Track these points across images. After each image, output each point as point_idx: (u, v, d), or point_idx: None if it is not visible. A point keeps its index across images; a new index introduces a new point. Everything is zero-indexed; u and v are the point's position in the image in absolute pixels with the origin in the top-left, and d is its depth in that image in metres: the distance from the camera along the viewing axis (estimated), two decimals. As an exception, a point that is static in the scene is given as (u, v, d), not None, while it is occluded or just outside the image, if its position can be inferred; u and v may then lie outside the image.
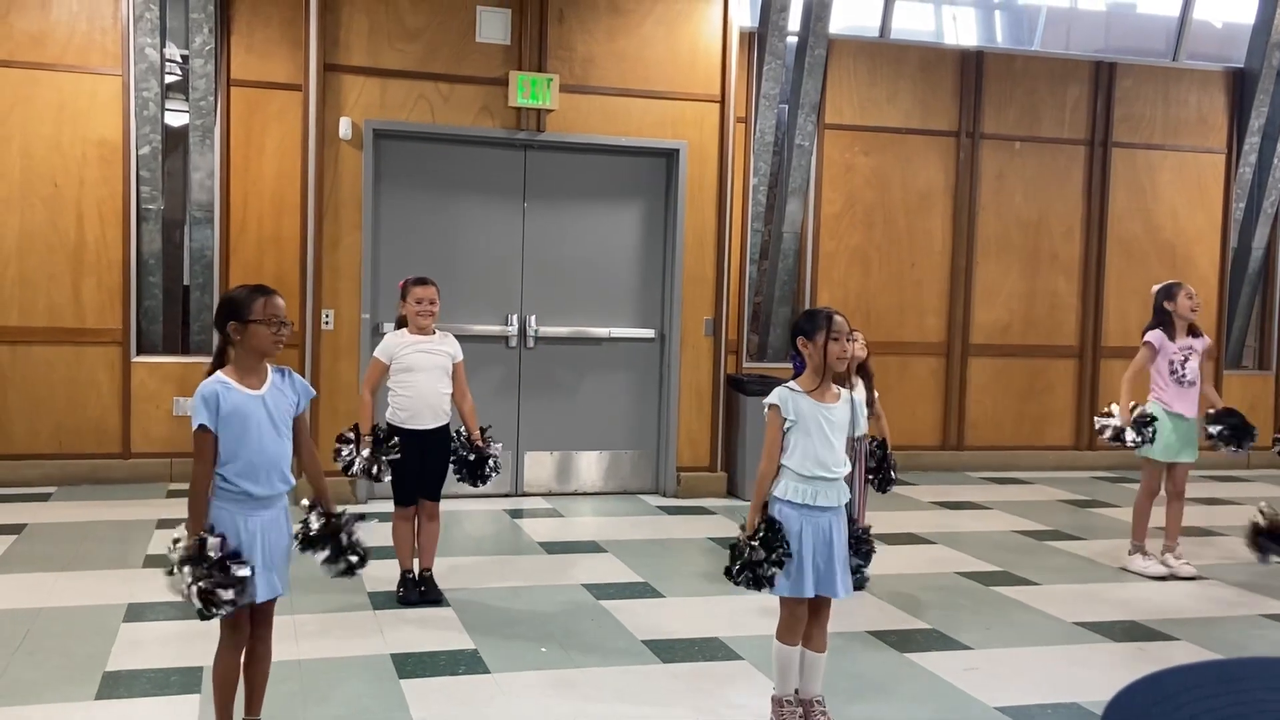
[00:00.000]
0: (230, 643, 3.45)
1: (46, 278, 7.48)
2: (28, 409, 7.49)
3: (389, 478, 5.15)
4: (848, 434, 3.80)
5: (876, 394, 5.35)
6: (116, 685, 4.11)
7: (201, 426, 3.31)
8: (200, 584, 3.18)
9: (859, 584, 3.92)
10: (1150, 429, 5.98)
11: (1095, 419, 6.31)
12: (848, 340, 3.78)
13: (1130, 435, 5.99)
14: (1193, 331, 6.14)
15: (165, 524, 6.53)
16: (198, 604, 3.20)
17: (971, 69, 9.09)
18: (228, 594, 3.19)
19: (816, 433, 3.69)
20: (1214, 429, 6.16)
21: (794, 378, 3.85)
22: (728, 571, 3.76)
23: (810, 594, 3.69)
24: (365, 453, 5.07)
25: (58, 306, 7.51)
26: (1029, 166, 9.30)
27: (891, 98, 8.93)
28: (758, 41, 8.44)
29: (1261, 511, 5.00)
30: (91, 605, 5.03)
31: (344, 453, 5.13)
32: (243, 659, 3.51)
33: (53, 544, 6.07)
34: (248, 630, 3.46)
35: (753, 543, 3.68)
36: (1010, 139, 9.23)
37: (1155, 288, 6.24)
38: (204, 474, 3.32)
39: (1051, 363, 9.45)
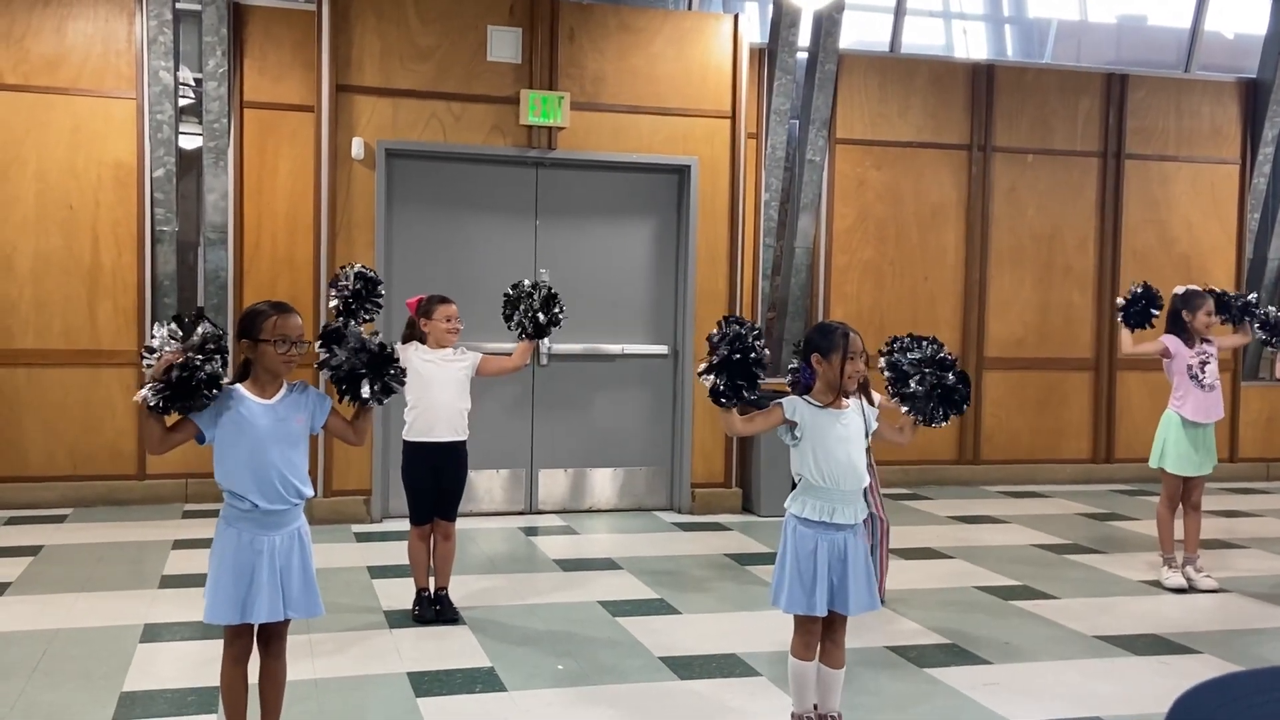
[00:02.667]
0: (230, 654, 3.44)
1: (62, 300, 7.52)
2: (44, 431, 7.52)
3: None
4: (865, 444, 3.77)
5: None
6: (134, 706, 4.11)
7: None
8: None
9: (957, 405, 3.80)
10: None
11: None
12: (861, 360, 3.76)
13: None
14: (1204, 338, 6.11)
15: (181, 545, 6.55)
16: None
17: (982, 82, 9.09)
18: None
19: (835, 443, 3.66)
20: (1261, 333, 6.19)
21: (795, 389, 3.80)
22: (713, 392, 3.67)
23: (823, 612, 3.66)
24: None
25: (73, 329, 7.55)
26: (1041, 179, 9.28)
27: (902, 112, 8.93)
28: (768, 57, 8.46)
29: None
30: (108, 626, 5.03)
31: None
32: (257, 679, 3.50)
33: (69, 565, 6.08)
34: (249, 643, 3.45)
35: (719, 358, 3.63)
36: (1022, 152, 9.22)
37: (1177, 290, 6.19)
38: (155, 430, 3.29)
39: (1067, 375, 9.41)
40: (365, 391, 3.51)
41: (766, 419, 3.77)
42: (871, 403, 3.83)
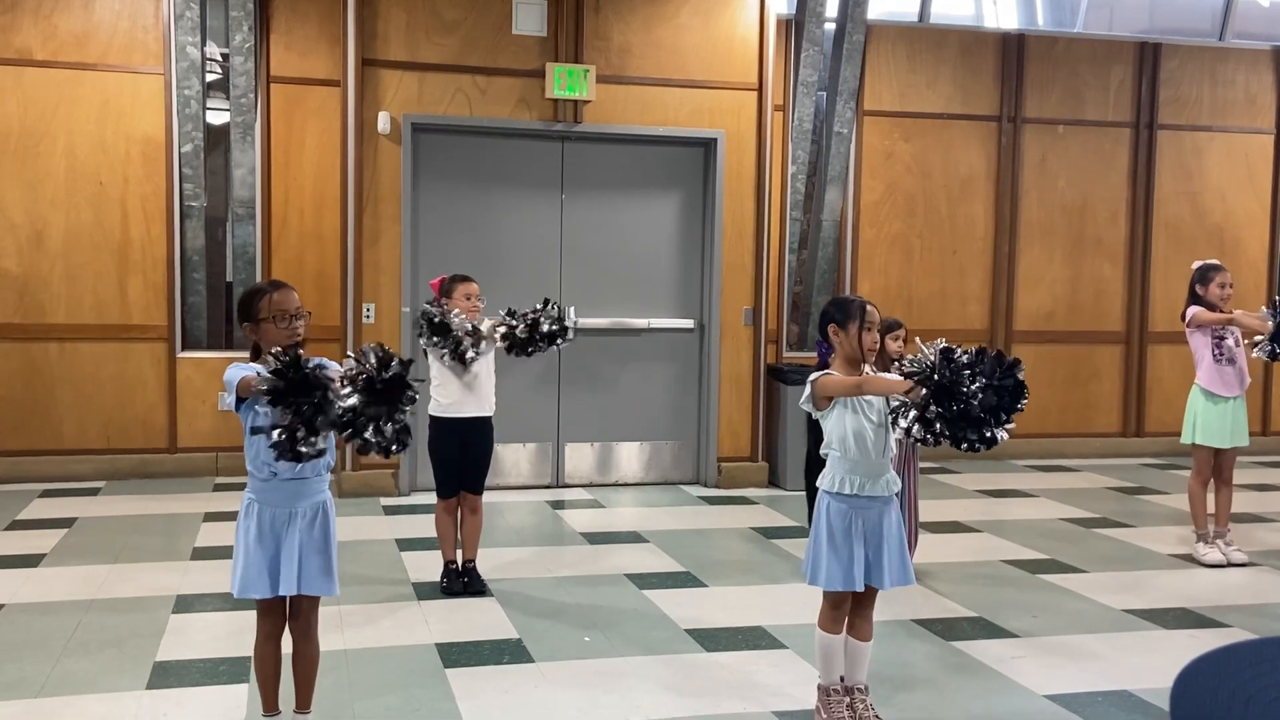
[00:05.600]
0: (262, 630, 3.46)
1: (93, 275, 7.58)
2: (76, 405, 7.60)
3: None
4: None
5: None
6: (167, 675, 4.16)
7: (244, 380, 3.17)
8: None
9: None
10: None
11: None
12: (878, 332, 3.75)
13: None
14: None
15: (212, 517, 6.62)
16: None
17: (1013, 52, 8.98)
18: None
19: (860, 417, 3.65)
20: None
21: (819, 366, 3.81)
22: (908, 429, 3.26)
23: (859, 587, 3.66)
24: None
25: (104, 304, 7.61)
26: (1072, 150, 9.17)
27: (931, 83, 8.84)
28: (795, 28, 8.38)
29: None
30: (141, 597, 5.10)
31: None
32: (290, 654, 3.52)
33: (103, 537, 6.16)
34: (281, 619, 3.46)
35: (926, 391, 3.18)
36: (1053, 123, 9.11)
37: (1195, 265, 6.13)
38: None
39: (1097, 349, 9.33)
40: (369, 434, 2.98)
41: (837, 381, 3.61)
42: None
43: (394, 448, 2.99)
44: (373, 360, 2.97)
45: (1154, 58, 9.23)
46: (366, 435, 2.94)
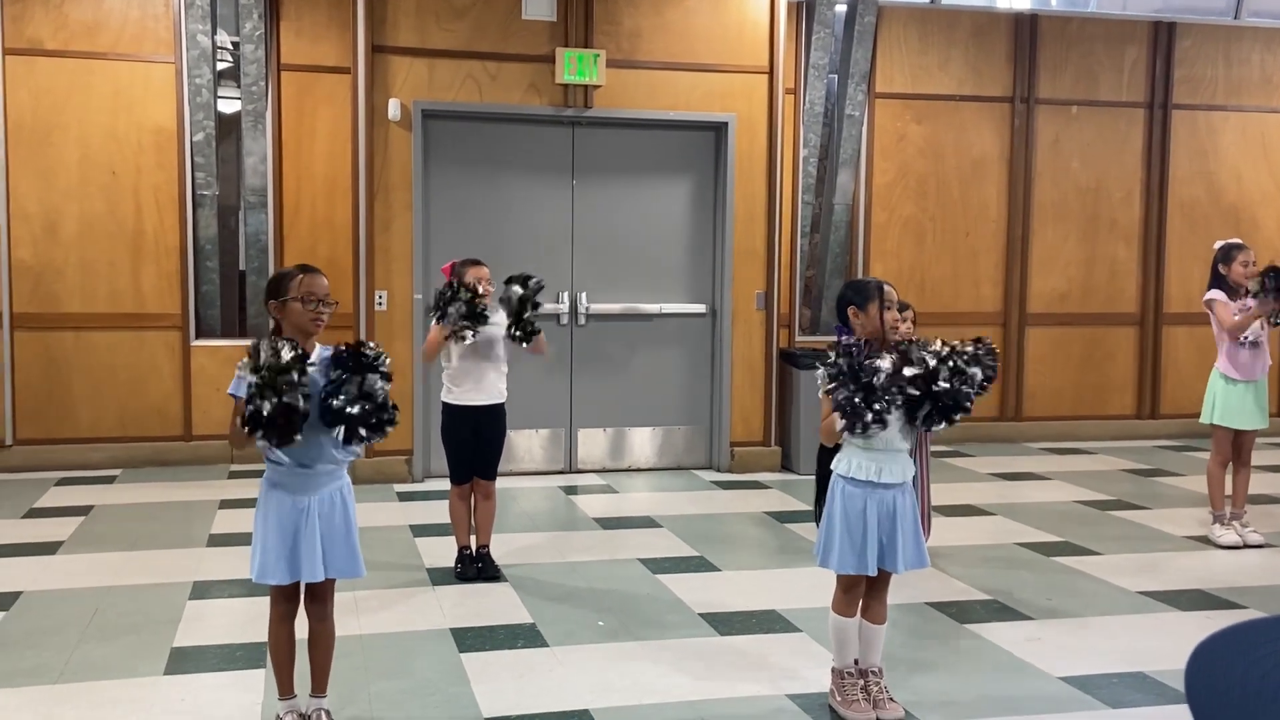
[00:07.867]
0: (277, 613, 3.48)
1: (107, 264, 7.61)
2: (91, 394, 7.64)
3: (474, 336, 5.06)
4: None
5: None
6: (184, 661, 4.19)
7: (234, 396, 3.26)
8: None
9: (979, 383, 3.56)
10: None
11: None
12: (899, 312, 3.74)
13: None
14: (1248, 292, 5.99)
15: (227, 504, 6.65)
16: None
17: (1025, 32, 8.92)
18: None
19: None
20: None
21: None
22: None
23: (873, 572, 3.66)
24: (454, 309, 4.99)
25: (118, 292, 7.64)
26: (1086, 131, 9.11)
27: (943, 64, 8.79)
28: (806, 11, 8.34)
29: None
30: (158, 583, 5.13)
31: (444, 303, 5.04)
32: (306, 639, 3.54)
33: (119, 525, 6.19)
34: (296, 603, 3.48)
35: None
36: (1066, 103, 9.05)
37: (1217, 245, 6.09)
38: (236, 429, 3.24)
39: (1111, 330, 9.29)
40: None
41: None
42: None
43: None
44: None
45: (1168, 37, 9.16)
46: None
